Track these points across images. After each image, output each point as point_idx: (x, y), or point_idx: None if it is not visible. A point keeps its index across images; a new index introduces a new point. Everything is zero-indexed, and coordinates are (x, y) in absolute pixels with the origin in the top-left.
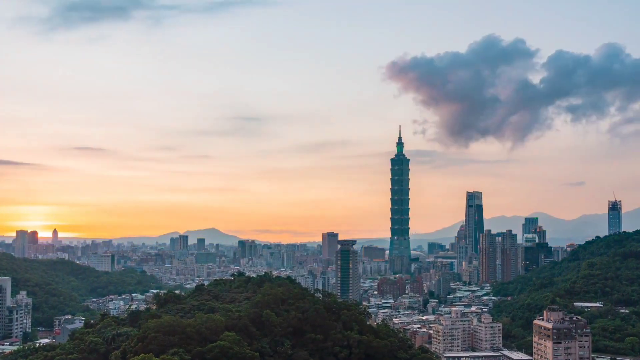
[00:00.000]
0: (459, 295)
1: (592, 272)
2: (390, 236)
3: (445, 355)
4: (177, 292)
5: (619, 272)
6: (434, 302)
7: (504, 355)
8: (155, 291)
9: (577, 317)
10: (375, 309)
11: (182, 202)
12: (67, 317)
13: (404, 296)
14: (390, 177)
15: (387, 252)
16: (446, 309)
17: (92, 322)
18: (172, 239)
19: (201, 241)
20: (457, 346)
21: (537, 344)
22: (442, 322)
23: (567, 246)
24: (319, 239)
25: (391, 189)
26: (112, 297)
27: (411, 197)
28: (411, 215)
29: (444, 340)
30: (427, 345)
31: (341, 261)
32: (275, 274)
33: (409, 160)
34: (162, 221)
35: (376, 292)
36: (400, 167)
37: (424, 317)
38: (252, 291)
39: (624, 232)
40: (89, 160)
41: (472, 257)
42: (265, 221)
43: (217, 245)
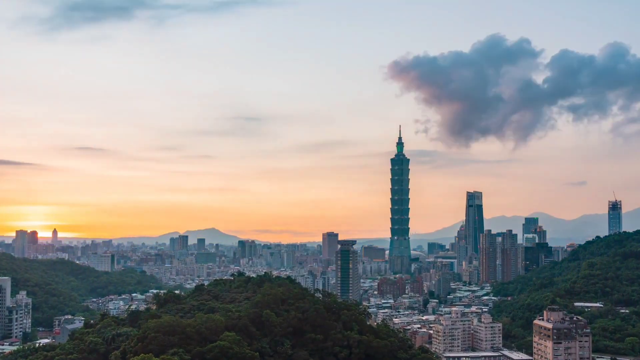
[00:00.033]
0: (459, 295)
1: (592, 272)
2: (390, 236)
3: (445, 355)
4: (177, 292)
5: (619, 272)
6: (434, 302)
7: (504, 355)
8: (155, 291)
9: (577, 317)
10: (375, 309)
11: (182, 202)
12: (66, 317)
13: (404, 296)
14: (390, 177)
15: (387, 252)
16: (446, 309)
17: (92, 322)
18: (172, 239)
19: (201, 241)
20: (457, 346)
21: (537, 344)
22: (442, 322)
23: (567, 246)
24: (319, 239)
25: (391, 189)
26: (112, 297)
27: (411, 197)
28: (411, 215)
29: (444, 340)
30: (427, 345)
31: (341, 261)
32: (275, 274)
33: (409, 160)
34: (162, 221)
35: (376, 292)
36: (400, 167)
37: (424, 317)
38: (252, 291)
39: (624, 232)
40: (89, 160)
41: (472, 257)
42: (265, 221)
43: (217, 245)
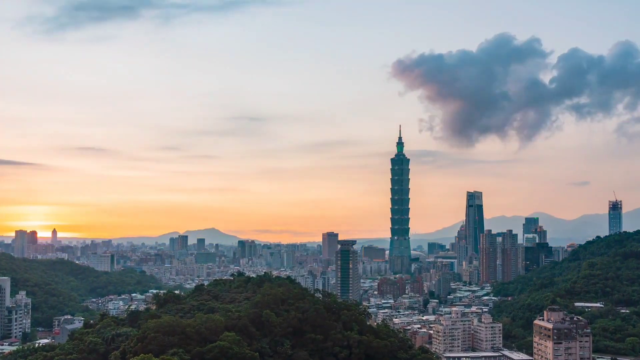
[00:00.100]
0: (459, 295)
1: (592, 272)
2: (390, 236)
3: (445, 355)
4: (176, 292)
5: (619, 272)
6: (434, 302)
7: (504, 355)
8: (154, 291)
9: (577, 317)
10: (375, 309)
11: (182, 202)
12: (66, 317)
13: (404, 296)
14: (390, 177)
15: (387, 252)
16: (446, 309)
17: (92, 322)
18: (171, 239)
19: (201, 241)
20: (457, 346)
21: (538, 344)
22: (442, 322)
23: (567, 246)
24: (319, 239)
25: (391, 189)
26: (112, 297)
27: (411, 197)
28: (411, 215)
29: (444, 340)
30: (427, 345)
31: (341, 261)
32: (275, 274)
33: (409, 160)
34: (161, 221)
35: (376, 292)
36: (400, 167)
37: (424, 317)
38: (251, 291)
39: (625, 232)
40: (89, 160)
41: (473, 257)
42: (265, 221)
43: (217, 245)
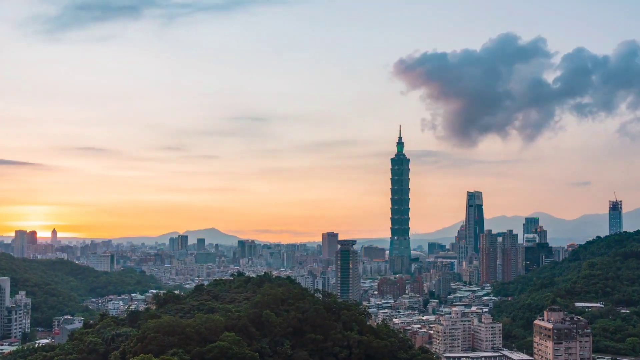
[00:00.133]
0: (459, 295)
1: (592, 272)
2: (390, 236)
3: (445, 355)
4: (176, 292)
5: (619, 272)
6: (434, 302)
7: (504, 355)
8: (154, 291)
9: (577, 318)
10: (375, 309)
11: (182, 202)
12: (66, 317)
13: (404, 296)
14: (390, 177)
15: (387, 252)
16: (446, 309)
17: (92, 322)
18: (171, 239)
19: (201, 241)
20: (458, 346)
21: (538, 345)
22: (442, 322)
23: (567, 246)
24: (319, 239)
25: (391, 189)
26: (112, 297)
27: (411, 197)
28: (411, 215)
29: (444, 340)
30: (428, 345)
31: (341, 261)
32: (275, 274)
33: (409, 160)
34: (161, 221)
35: (376, 292)
36: (400, 167)
37: (424, 318)
38: (251, 291)
39: (625, 232)
40: (90, 160)
41: (473, 257)
42: (265, 221)
43: (217, 245)
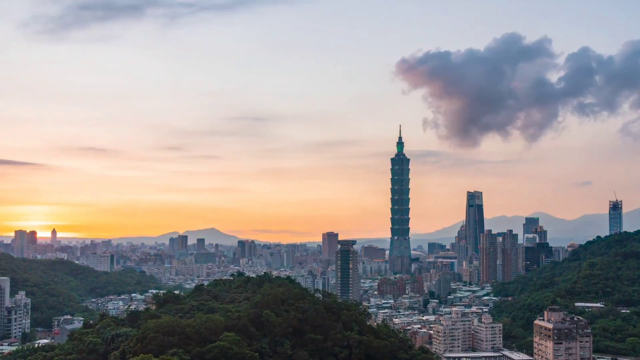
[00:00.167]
0: (459, 295)
1: (592, 272)
2: (390, 236)
3: (445, 355)
4: (176, 292)
5: (619, 272)
6: (434, 303)
7: (504, 355)
8: (154, 291)
9: (577, 318)
10: (375, 309)
11: (182, 202)
12: (66, 317)
13: (404, 296)
14: (390, 177)
15: (387, 252)
16: (446, 309)
17: (91, 322)
18: (171, 239)
19: (201, 241)
20: (458, 346)
21: (538, 345)
22: (442, 322)
23: (567, 246)
24: (319, 239)
25: (391, 189)
26: (111, 297)
27: (411, 197)
28: (411, 215)
29: (445, 340)
30: (428, 345)
31: (341, 261)
32: (275, 274)
33: (409, 160)
34: (161, 221)
35: (376, 292)
36: (400, 167)
37: (424, 318)
38: (251, 291)
39: (625, 232)
40: (90, 160)
41: (473, 257)
42: (265, 221)
43: (217, 245)
